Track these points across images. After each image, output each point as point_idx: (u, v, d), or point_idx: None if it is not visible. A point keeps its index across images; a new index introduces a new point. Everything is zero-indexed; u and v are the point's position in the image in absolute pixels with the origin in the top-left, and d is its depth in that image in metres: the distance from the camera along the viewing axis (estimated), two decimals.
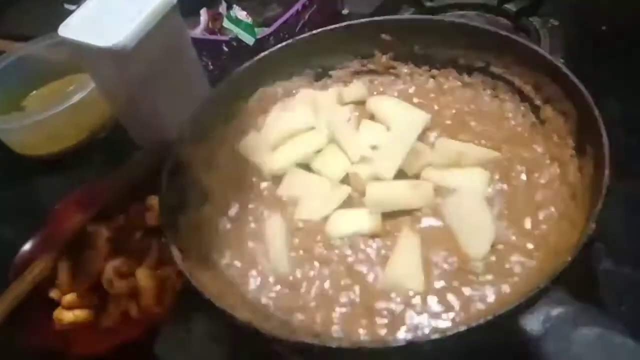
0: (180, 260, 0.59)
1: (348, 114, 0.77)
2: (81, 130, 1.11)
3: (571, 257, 0.51)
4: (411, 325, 0.57)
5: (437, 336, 0.48)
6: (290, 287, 0.61)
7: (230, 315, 0.53)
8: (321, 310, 0.59)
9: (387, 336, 0.56)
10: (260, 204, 0.71)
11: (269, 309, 0.61)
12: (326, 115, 0.74)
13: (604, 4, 1.06)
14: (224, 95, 0.78)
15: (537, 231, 0.62)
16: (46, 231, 0.90)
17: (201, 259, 0.64)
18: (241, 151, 0.77)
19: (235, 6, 1.10)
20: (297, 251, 0.64)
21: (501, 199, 0.65)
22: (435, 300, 0.58)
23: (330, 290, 0.61)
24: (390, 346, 0.49)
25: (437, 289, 0.59)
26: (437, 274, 0.60)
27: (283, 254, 0.64)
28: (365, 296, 0.60)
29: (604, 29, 1.07)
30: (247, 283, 0.63)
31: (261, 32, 1.01)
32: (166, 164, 0.69)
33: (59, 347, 0.76)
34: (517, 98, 0.74)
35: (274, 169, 0.72)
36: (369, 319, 0.58)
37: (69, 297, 0.81)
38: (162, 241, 0.83)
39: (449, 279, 0.59)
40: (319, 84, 0.85)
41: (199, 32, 1.09)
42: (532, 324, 0.50)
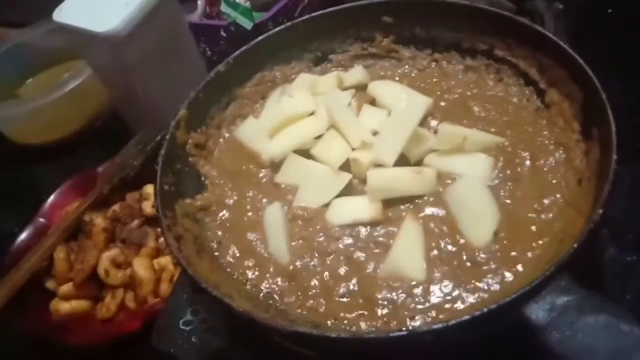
0: (176, 249, 0.58)
1: (348, 98, 0.75)
2: (77, 119, 1.10)
3: (577, 244, 0.49)
4: (412, 315, 0.55)
5: (439, 326, 0.47)
6: (290, 277, 0.60)
7: (228, 305, 0.51)
8: (321, 300, 0.58)
9: (387, 326, 0.55)
10: (259, 191, 0.69)
11: (267, 299, 0.60)
12: (326, 100, 0.72)
13: None
14: (221, 80, 0.76)
15: (542, 218, 0.60)
16: (42, 220, 0.90)
17: (198, 249, 0.63)
18: (239, 137, 0.75)
19: None
20: (297, 240, 0.63)
21: (505, 186, 0.63)
22: (438, 290, 0.56)
23: (331, 280, 0.59)
24: (391, 336, 0.48)
25: (439, 277, 0.57)
26: (440, 263, 0.58)
27: (283, 243, 0.62)
28: (366, 286, 0.58)
29: (609, 12, 1.06)
30: (245, 273, 0.62)
31: (260, 17, 1.00)
32: (162, 151, 0.67)
33: (55, 338, 0.75)
34: (522, 82, 0.73)
35: (273, 155, 0.70)
36: (369, 308, 0.57)
37: (65, 288, 0.80)
38: (159, 230, 0.82)
39: (451, 267, 0.58)
40: (319, 68, 0.83)
41: (196, 17, 1.07)
42: (538, 313, 0.49)
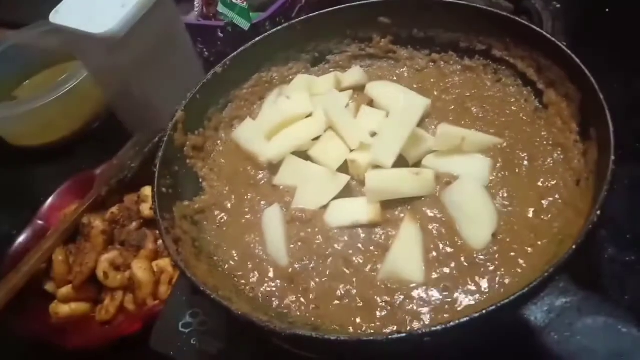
0: (174, 252, 0.58)
1: (346, 99, 0.75)
2: (74, 120, 1.10)
3: (576, 245, 0.49)
4: (411, 317, 0.55)
5: (439, 328, 0.47)
6: (289, 280, 0.60)
7: (227, 308, 0.51)
8: (320, 303, 0.58)
9: (386, 328, 0.55)
10: (257, 193, 0.69)
11: (266, 301, 0.60)
12: (324, 101, 0.72)
13: None
14: (218, 81, 0.76)
15: (541, 219, 0.60)
16: (40, 222, 0.89)
17: (196, 251, 0.63)
18: (236, 139, 0.75)
19: None
20: (295, 242, 0.63)
21: (503, 187, 0.63)
22: (436, 291, 0.56)
23: (329, 282, 0.59)
24: (390, 338, 0.48)
25: (438, 279, 0.57)
26: (438, 265, 0.58)
27: (282, 246, 0.62)
28: (365, 288, 0.58)
29: (607, 12, 1.05)
30: (244, 275, 0.62)
31: (257, 17, 0.99)
32: (159, 153, 0.67)
33: (54, 340, 0.75)
34: (520, 82, 0.73)
35: (271, 157, 0.70)
36: (368, 310, 0.57)
37: (64, 290, 0.80)
38: (158, 232, 0.82)
39: (450, 269, 0.58)
40: (316, 69, 0.83)
41: (193, 17, 1.07)
42: (536, 314, 0.49)
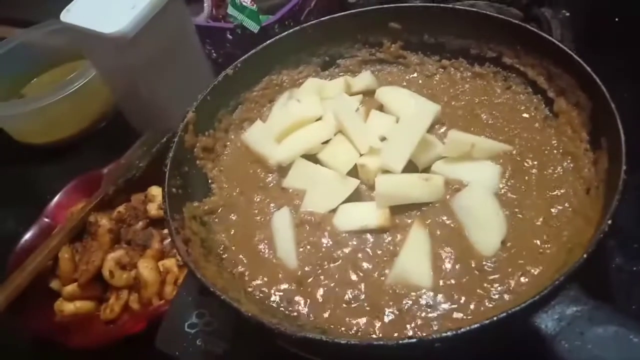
0: (184, 252, 0.58)
1: (356, 104, 0.75)
2: (82, 119, 1.10)
3: (587, 254, 0.49)
4: (419, 323, 0.55)
5: (449, 334, 0.47)
6: (298, 283, 0.60)
7: (237, 310, 0.51)
8: (328, 306, 0.58)
9: (395, 333, 0.55)
10: (266, 196, 0.69)
11: (274, 303, 0.59)
12: (334, 105, 0.72)
13: None
14: (229, 83, 0.76)
15: (550, 227, 0.60)
16: (47, 220, 0.89)
17: (206, 252, 0.63)
18: (246, 141, 0.75)
19: None
20: (304, 246, 0.62)
21: (513, 194, 0.63)
22: (445, 297, 0.56)
23: (338, 286, 0.59)
24: (400, 343, 0.48)
25: (447, 285, 0.57)
26: (447, 271, 0.58)
27: (291, 249, 0.62)
28: (373, 292, 0.58)
29: (616, 20, 1.06)
30: (252, 277, 0.62)
31: (266, 20, 1.00)
32: (170, 153, 0.67)
33: (59, 338, 0.75)
34: (530, 90, 0.73)
35: (280, 160, 0.70)
36: (376, 315, 0.56)
37: (70, 288, 0.80)
38: (164, 233, 0.82)
39: (458, 275, 0.58)
40: (327, 73, 0.83)
41: (202, 19, 1.07)
42: (547, 322, 0.48)
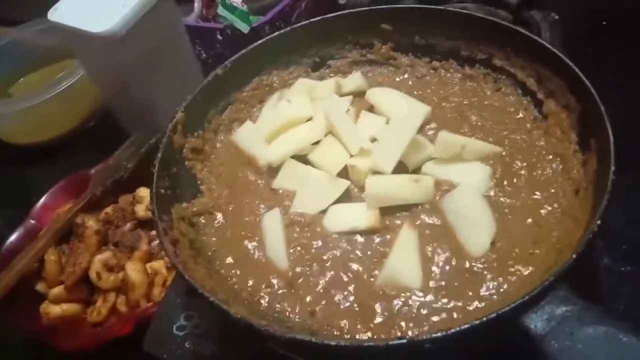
0: (172, 254, 0.57)
1: (347, 104, 0.75)
2: (70, 119, 1.09)
3: (576, 255, 0.49)
4: (409, 324, 0.55)
5: (439, 335, 0.47)
6: (288, 284, 0.59)
7: (226, 312, 0.51)
8: (317, 308, 0.57)
9: (384, 334, 0.55)
10: (256, 197, 0.69)
11: (264, 305, 0.59)
12: (324, 105, 0.72)
13: None
14: (219, 83, 0.75)
15: (540, 228, 0.60)
16: (33, 222, 0.88)
17: (194, 253, 0.62)
18: (236, 142, 0.75)
19: None
20: (294, 247, 0.62)
21: (503, 195, 0.63)
22: (435, 298, 0.56)
23: (328, 287, 0.59)
24: (390, 344, 0.48)
25: (437, 286, 0.57)
26: (437, 271, 0.58)
27: (282, 250, 0.62)
28: (363, 293, 0.58)
29: (604, 24, 1.07)
30: (242, 279, 0.61)
31: (256, 21, 0.99)
32: (159, 154, 0.66)
33: (45, 341, 0.74)
34: (520, 91, 0.73)
35: (270, 160, 0.69)
36: (366, 316, 0.56)
37: (56, 291, 0.79)
38: (152, 234, 0.82)
39: (448, 276, 0.57)
40: (317, 74, 0.83)
41: (192, 19, 1.06)
42: (537, 322, 0.48)
